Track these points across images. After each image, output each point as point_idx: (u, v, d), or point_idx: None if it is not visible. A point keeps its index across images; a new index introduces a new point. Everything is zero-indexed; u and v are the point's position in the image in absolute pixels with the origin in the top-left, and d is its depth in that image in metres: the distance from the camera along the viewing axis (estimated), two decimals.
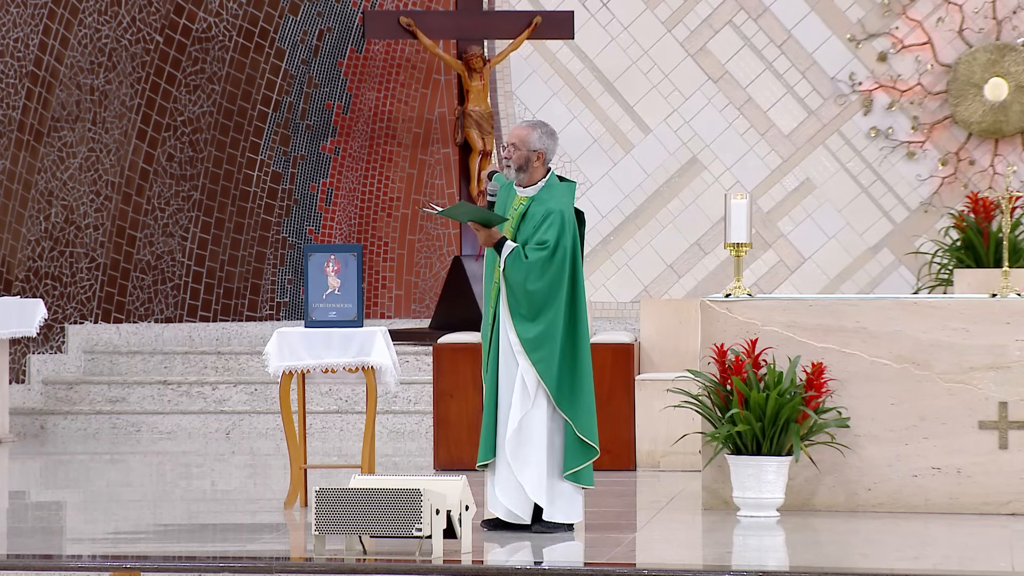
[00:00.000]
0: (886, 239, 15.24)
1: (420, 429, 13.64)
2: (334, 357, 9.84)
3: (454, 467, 11.43)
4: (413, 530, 7.94)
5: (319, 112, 15.70)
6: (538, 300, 8.62)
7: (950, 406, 9.55)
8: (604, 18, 15.52)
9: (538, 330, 8.63)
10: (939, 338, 9.57)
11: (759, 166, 15.31)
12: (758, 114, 15.33)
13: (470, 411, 11.69)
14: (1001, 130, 14.96)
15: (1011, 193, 10.18)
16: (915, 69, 15.10)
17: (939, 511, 9.47)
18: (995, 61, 14.94)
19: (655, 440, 11.68)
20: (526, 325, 8.64)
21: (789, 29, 15.28)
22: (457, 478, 8.18)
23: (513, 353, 8.66)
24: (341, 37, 15.66)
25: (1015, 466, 9.48)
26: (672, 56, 15.40)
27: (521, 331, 8.63)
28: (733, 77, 15.35)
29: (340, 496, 8.01)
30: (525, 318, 8.64)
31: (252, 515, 9.73)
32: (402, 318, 15.75)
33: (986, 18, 15.04)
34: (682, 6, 15.41)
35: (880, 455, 9.56)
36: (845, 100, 15.20)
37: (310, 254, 9.94)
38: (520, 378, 8.65)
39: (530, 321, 8.64)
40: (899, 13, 15.11)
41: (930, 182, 15.12)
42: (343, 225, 15.84)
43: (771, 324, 9.62)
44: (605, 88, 15.50)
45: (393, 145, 15.88)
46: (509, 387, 8.69)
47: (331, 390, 13.97)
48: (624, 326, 14.80)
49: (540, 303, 8.62)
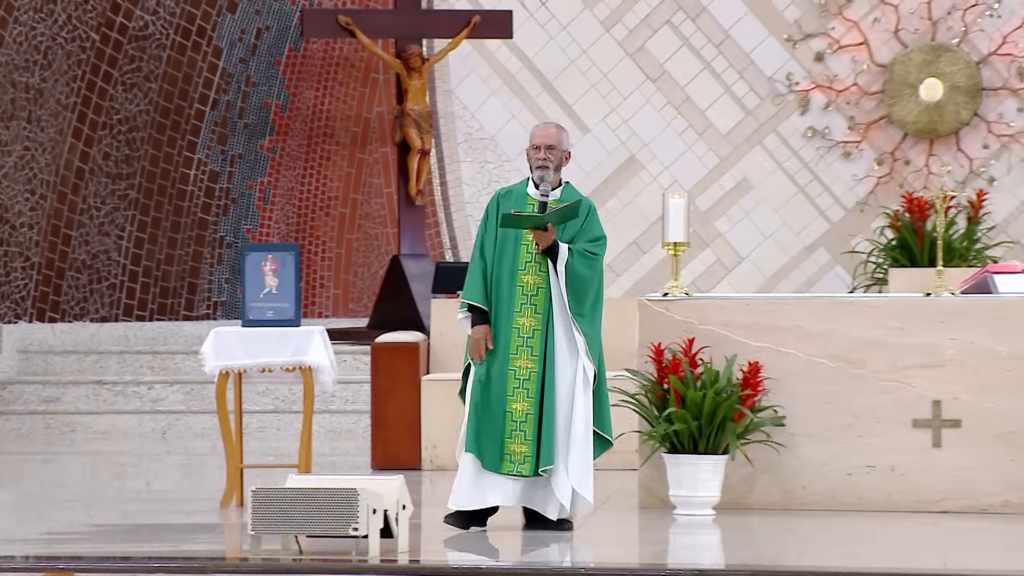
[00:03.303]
0: (822, 238, 15.32)
1: (357, 428, 13.62)
2: (271, 356, 9.82)
3: (391, 466, 11.41)
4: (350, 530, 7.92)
5: (257, 111, 15.65)
6: (597, 295, 8.81)
7: (884, 405, 9.61)
8: (543, 17, 15.54)
9: (595, 326, 8.81)
10: (874, 337, 9.63)
11: (697, 165, 15.37)
12: (696, 114, 15.39)
13: (407, 410, 11.68)
14: (936, 130, 15.06)
15: (945, 193, 10.25)
16: (851, 69, 15.18)
17: (873, 509, 9.53)
18: (930, 62, 15.04)
19: None
20: (587, 321, 8.75)
21: (727, 29, 15.34)
22: (394, 477, 8.17)
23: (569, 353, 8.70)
24: (279, 36, 15.61)
25: (948, 464, 9.55)
26: (610, 56, 15.43)
27: (586, 329, 8.74)
28: (671, 77, 15.39)
29: (276, 496, 7.99)
30: (586, 316, 8.76)
31: (187, 515, 9.68)
32: (340, 317, 15.71)
33: (921, 19, 15.14)
34: (620, 6, 15.45)
35: (815, 453, 9.60)
36: (782, 100, 15.27)
37: (247, 253, 9.90)
38: (582, 375, 8.72)
39: (590, 317, 8.77)
40: (835, 13, 15.19)
41: (866, 182, 15.21)
42: (281, 224, 15.79)
43: (708, 323, 9.66)
44: (544, 87, 15.51)
45: (331, 144, 15.84)
46: (568, 388, 8.73)
47: (268, 389, 13.92)
48: None
49: (596, 297, 8.80)
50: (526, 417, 8.69)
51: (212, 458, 12.26)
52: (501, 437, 8.69)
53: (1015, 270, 9.94)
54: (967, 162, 15.10)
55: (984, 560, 8.26)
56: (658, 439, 9.47)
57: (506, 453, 8.69)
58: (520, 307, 8.74)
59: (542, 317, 8.72)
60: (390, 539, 8.08)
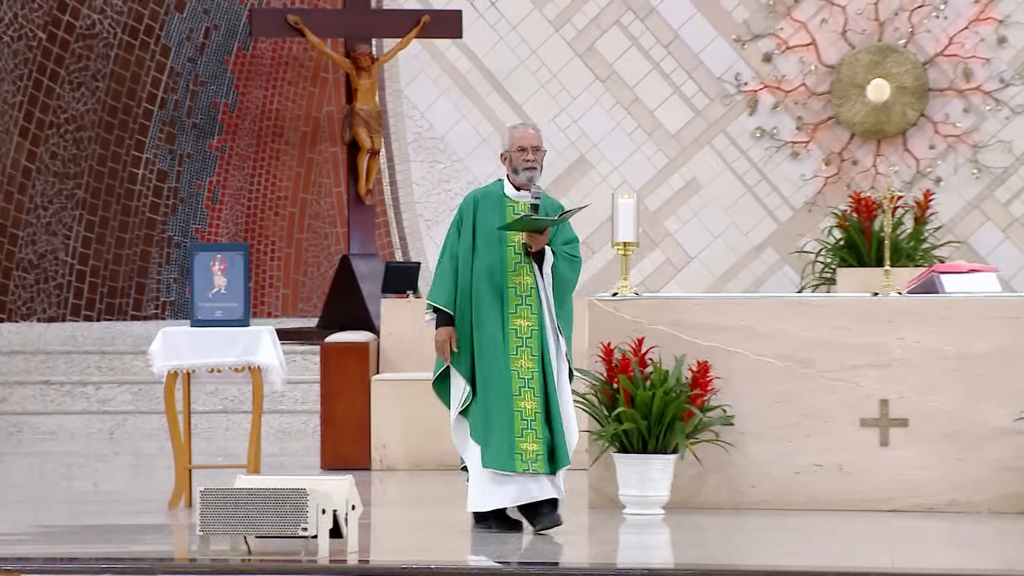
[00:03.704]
0: (771, 238, 15.38)
1: (307, 429, 13.59)
2: (220, 356, 9.79)
3: (341, 467, 11.40)
4: (299, 530, 7.91)
5: (205, 110, 15.59)
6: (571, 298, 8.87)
7: (832, 404, 9.65)
8: (492, 17, 15.54)
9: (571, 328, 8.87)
10: (822, 336, 9.67)
11: (646, 165, 15.40)
12: (645, 114, 15.42)
13: (357, 410, 11.66)
14: (883, 130, 15.14)
15: (892, 193, 10.31)
16: (799, 70, 15.24)
17: (821, 508, 9.57)
18: (877, 62, 15.12)
19: None
20: (566, 324, 8.83)
21: (676, 29, 15.38)
22: (344, 478, 8.16)
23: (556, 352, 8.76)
24: (228, 35, 15.56)
25: (895, 463, 9.60)
26: (560, 56, 15.45)
27: (566, 331, 8.82)
28: (620, 77, 15.42)
29: (225, 496, 7.96)
30: (564, 319, 8.84)
31: (136, 516, 9.65)
32: (289, 317, 15.68)
33: (869, 20, 15.22)
34: (570, 6, 15.47)
35: (764, 452, 9.64)
36: (731, 100, 15.32)
37: (196, 253, 9.88)
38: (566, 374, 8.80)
39: (568, 320, 8.85)
40: (784, 14, 15.25)
41: (814, 182, 15.27)
42: (230, 224, 15.74)
43: (657, 323, 9.68)
44: (493, 87, 15.52)
45: (281, 143, 15.80)
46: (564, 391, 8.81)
47: (217, 390, 13.88)
48: None
49: (570, 300, 8.87)
50: (535, 416, 8.71)
51: (160, 458, 12.22)
52: (511, 437, 8.69)
53: (961, 270, 10.01)
54: (914, 162, 15.18)
55: (931, 559, 8.31)
56: (608, 439, 9.48)
57: (517, 452, 8.69)
58: (516, 308, 8.76)
59: (537, 317, 8.77)
60: (339, 539, 8.07)
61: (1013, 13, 15.06)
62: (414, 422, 11.71)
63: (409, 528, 9.29)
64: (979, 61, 15.06)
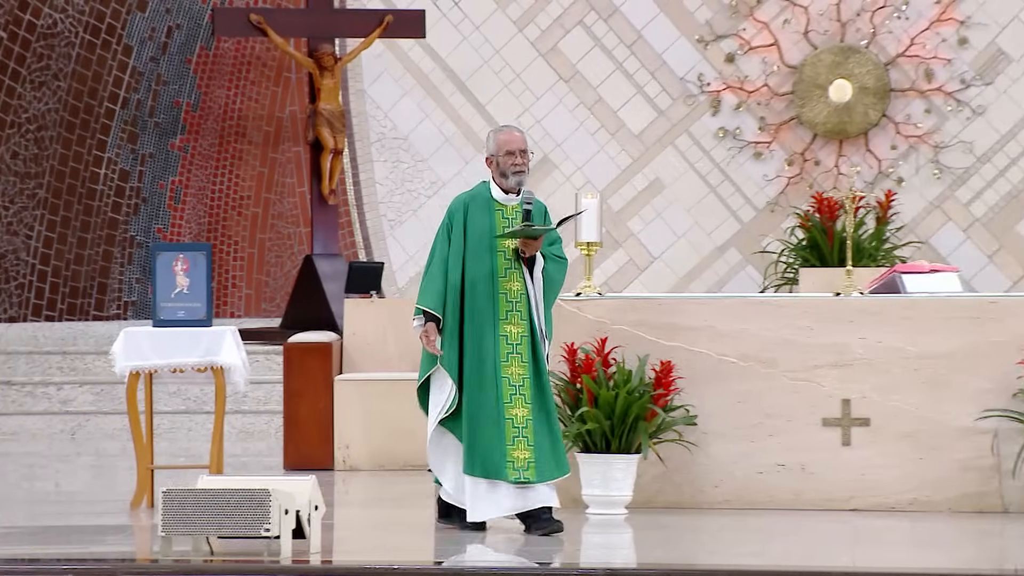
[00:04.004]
0: (733, 238, 15.41)
1: (270, 429, 13.56)
2: (182, 357, 9.77)
3: (304, 467, 11.38)
4: (261, 530, 7.90)
5: (168, 109, 15.55)
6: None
7: (795, 403, 9.68)
8: (456, 17, 15.54)
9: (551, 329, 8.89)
10: (784, 336, 9.70)
11: (609, 166, 15.42)
12: (608, 114, 15.44)
13: (320, 411, 11.65)
14: (845, 131, 15.19)
15: (855, 193, 10.34)
16: (762, 70, 15.28)
17: (783, 507, 9.59)
18: (839, 63, 15.16)
19: None
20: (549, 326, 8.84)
21: (639, 30, 15.41)
22: (307, 478, 8.16)
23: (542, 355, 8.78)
24: (190, 34, 15.52)
25: (857, 462, 9.64)
26: (523, 56, 15.46)
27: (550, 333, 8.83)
28: (584, 77, 15.44)
29: (187, 497, 7.94)
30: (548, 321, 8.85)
31: (97, 517, 9.61)
32: (252, 317, 15.65)
33: (831, 20, 15.26)
34: (533, 6, 15.48)
35: (726, 452, 9.66)
36: (694, 101, 15.35)
37: (158, 253, 9.85)
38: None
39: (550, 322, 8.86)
40: (746, 15, 15.29)
41: (776, 182, 15.31)
42: (192, 223, 15.70)
43: (621, 323, 9.69)
44: (457, 87, 15.52)
45: (243, 143, 15.77)
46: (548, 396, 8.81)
47: (179, 390, 13.84)
48: None
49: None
50: (527, 423, 8.69)
51: (122, 459, 12.17)
52: (503, 445, 8.66)
53: (922, 270, 10.04)
54: (876, 163, 15.23)
55: (892, 558, 8.35)
56: (571, 438, 9.49)
57: (508, 460, 8.66)
58: (506, 315, 8.73)
59: (527, 323, 8.75)
60: (302, 540, 8.06)
61: (974, 14, 15.13)
62: (377, 422, 11.70)
63: (372, 528, 9.28)
64: (940, 62, 15.12)
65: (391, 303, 12.70)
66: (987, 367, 9.56)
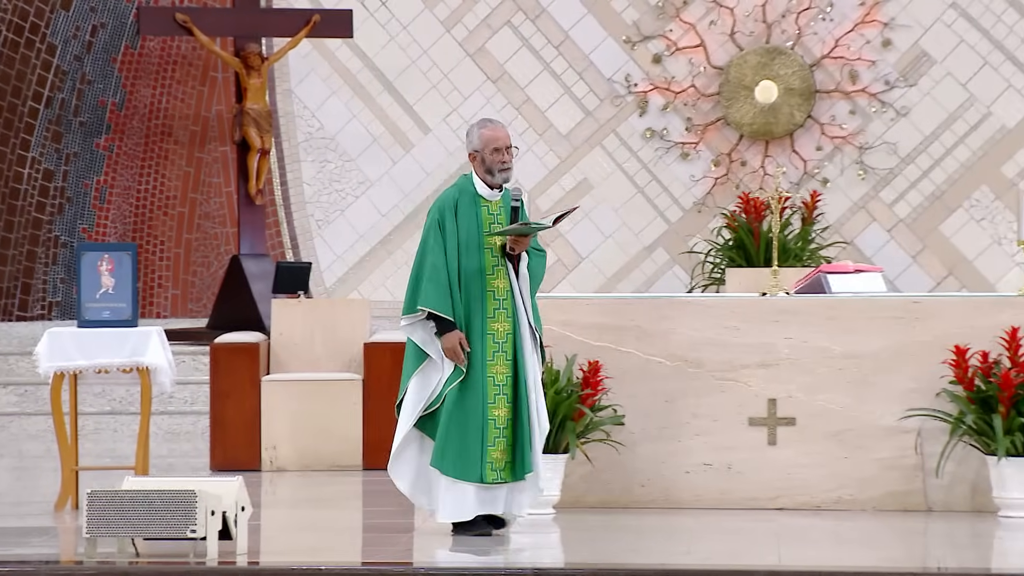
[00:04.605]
0: (661, 239, 15.47)
1: (196, 430, 13.50)
2: (107, 357, 9.71)
3: (231, 468, 11.33)
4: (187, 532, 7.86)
5: (93, 109, 15.44)
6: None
7: (721, 403, 9.73)
8: (383, 17, 15.51)
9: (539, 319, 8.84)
10: (711, 336, 9.74)
11: (537, 166, 15.44)
12: (536, 114, 15.46)
13: (247, 411, 11.60)
14: (771, 132, 15.27)
15: (780, 194, 10.40)
16: (688, 71, 15.34)
17: (710, 507, 9.63)
18: (765, 64, 15.24)
19: None
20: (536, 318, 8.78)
21: (566, 30, 15.43)
22: (233, 479, 8.12)
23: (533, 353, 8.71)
24: (115, 33, 15.42)
25: (783, 462, 9.69)
26: (451, 56, 15.45)
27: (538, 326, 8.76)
28: (511, 77, 15.45)
29: (112, 498, 7.89)
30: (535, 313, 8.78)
31: (21, 518, 9.54)
32: (178, 318, 15.56)
33: (756, 22, 15.34)
34: (460, 6, 15.47)
35: (653, 452, 9.69)
36: (621, 101, 15.39)
37: (83, 253, 9.78)
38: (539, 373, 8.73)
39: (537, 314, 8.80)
40: (673, 16, 15.34)
41: (703, 182, 15.38)
42: (118, 223, 15.60)
43: (548, 322, 9.70)
44: (384, 87, 15.49)
45: (169, 143, 15.68)
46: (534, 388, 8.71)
47: (104, 391, 13.76)
48: None
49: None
50: (507, 423, 8.64)
51: (46, 460, 12.08)
52: (483, 446, 8.60)
53: (847, 270, 10.11)
54: (801, 163, 15.32)
55: (817, 556, 8.40)
56: None
57: (488, 461, 8.60)
58: (493, 312, 8.66)
59: (512, 321, 8.69)
60: (228, 541, 8.03)
61: (898, 16, 15.25)
62: (304, 423, 11.67)
63: (299, 529, 9.25)
64: (865, 63, 15.23)
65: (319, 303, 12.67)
66: (911, 367, 9.64)
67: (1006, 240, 15.12)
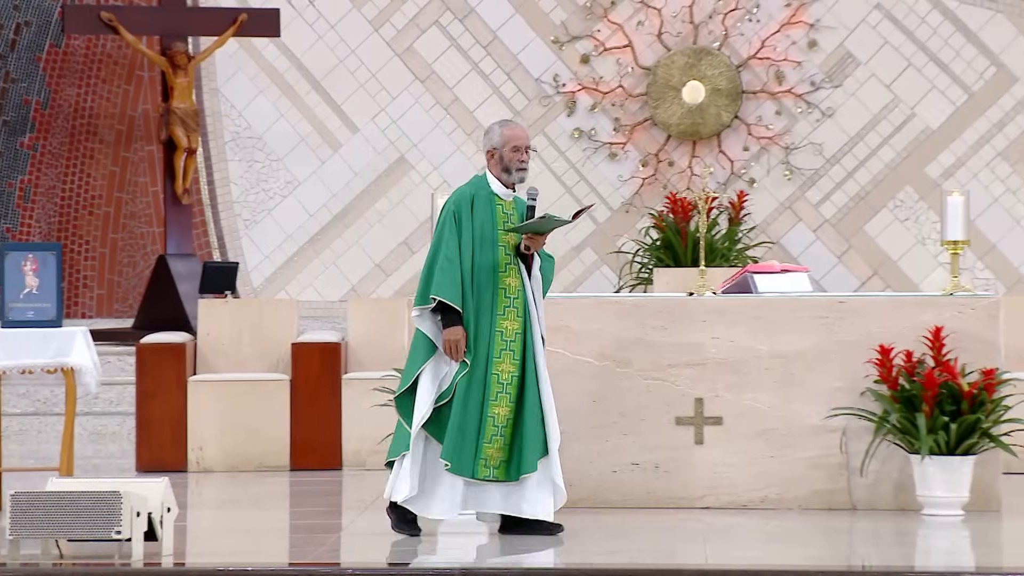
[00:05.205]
0: (589, 239, 15.50)
1: (122, 431, 13.42)
2: (31, 358, 9.64)
3: (157, 469, 11.27)
4: (112, 533, 7.82)
5: (16, 107, 15.32)
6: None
7: (649, 402, 9.76)
8: (311, 16, 15.47)
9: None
10: (639, 336, 9.77)
11: (466, 166, 15.44)
12: (465, 114, 15.46)
13: (173, 412, 11.55)
14: (698, 132, 15.34)
15: (708, 194, 10.45)
16: (616, 71, 15.39)
17: (637, 506, 9.66)
18: (692, 65, 15.31)
19: (361, 439, 11.70)
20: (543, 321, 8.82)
21: (495, 30, 15.44)
22: (159, 480, 8.09)
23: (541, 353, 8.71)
24: (39, 31, 15.30)
25: (710, 461, 9.73)
26: (379, 55, 15.43)
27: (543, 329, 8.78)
28: (440, 77, 15.45)
29: (36, 499, 7.84)
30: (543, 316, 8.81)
31: None
32: (104, 318, 15.47)
33: (684, 22, 15.40)
34: (388, 6, 15.45)
35: (581, 451, 9.71)
36: (549, 101, 15.41)
37: (7, 253, 9.71)
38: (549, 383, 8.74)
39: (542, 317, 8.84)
40: (601, 16, 15.38)
41: (631, 183, 15.42)
42: (42, 223, 15.48)
43: None
44: (312, 86, 15.45)
45: (95, 142, 15.58)
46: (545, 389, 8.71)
47: (28, 391, 13.65)
48: (332, 325, 14.78)
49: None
50: (507, 422, 8.63)
51: None
52: (478, 442, 8.59)
53: (773, 270, 10.16)
54: (728, 164, 15.40)
55: (743, 555, 8.44)
56: None
57: (481, 458, 8.59)
58: (503, 310, 8.68)
59: (522, 321, 8.71)
60: (154, 542, 7.99)
61: (823, 17, 15.35)
62: (231, 423, 11.62)
63: (226, 530, 9.21)
64: (791, 64, 15.32)
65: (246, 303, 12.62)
66: (837, 366, 9.70)
67: (930, 240, 15.25)
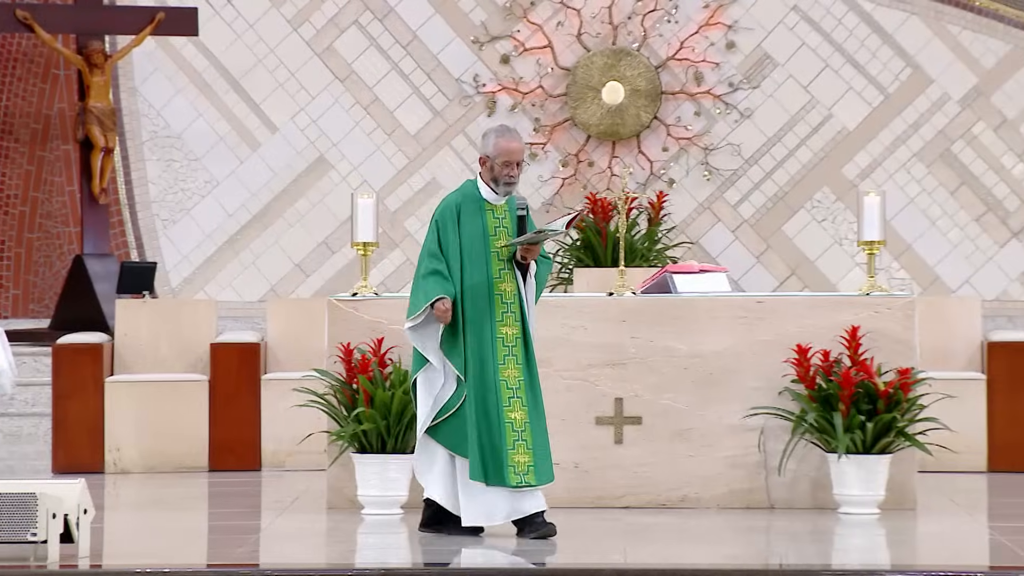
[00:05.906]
0: None
1: (38, 432, 13.32)
2: None
3: (73, 470, 11.19)
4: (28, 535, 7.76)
5: None
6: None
7: (569, 402, 9.78)
8: (229, 15, 15.40)
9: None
10: (559, 335, 9.80)
11: (386, 166, 15.42)
12: (384, 114, 15.44)
13: (90, 413, 11.47)
14: (618, 132, 15.39)
15: (627, 194, 10.49)
16: (536, 72, 15.41)
17: (557, 505, 9.68)
18: (612, 65, 15.36)
19: (280, 440, 11.66)
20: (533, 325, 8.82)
21: (414, 30, 15.43)
22: (75, 481, 8.03)
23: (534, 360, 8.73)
24: None
25: (630, 460, 9.77)
26: (298, 55, 15.38)
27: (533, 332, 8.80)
28: (359, 77, 15.42)
29: None
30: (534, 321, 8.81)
31: None
32: (20, 318, 15.34)
33: (603, 23, 15.45)
34: (307, 5, 15.41)
35: None
36: (470, 101, 15.42)
37: None
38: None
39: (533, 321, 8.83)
40: (520, 16, 15.41)
41: (552, 183, 15.46)
42: None
43: (397, 323, 9.70)
44: (231, 86, 15.38)
45: (10, 141, 15.45)
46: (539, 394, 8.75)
47: None
48: (251, 325, 14.72)
49: None
50: (525, 426, 8.65)
51: None
52: (504, 449, 8.59)
53: (692, 270, 10.22)
54: (648, 164, 15.46)
55: (662, 553, 8.48)
56: (347, 439, 9.48)
57: (510, 464, 8.60)
58: (502, 316, 8.70)
59: (520, 324, 8.73)
60: (71, 544, 7.93)
61: (741, 19, 15.44)
62: (149, 424, 11.56)
63: (143, 532, 9.16)
64: (709, 65, 15.40)
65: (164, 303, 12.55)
66: (755, 366, 9.77)
67: (847, 240, 15.38)
